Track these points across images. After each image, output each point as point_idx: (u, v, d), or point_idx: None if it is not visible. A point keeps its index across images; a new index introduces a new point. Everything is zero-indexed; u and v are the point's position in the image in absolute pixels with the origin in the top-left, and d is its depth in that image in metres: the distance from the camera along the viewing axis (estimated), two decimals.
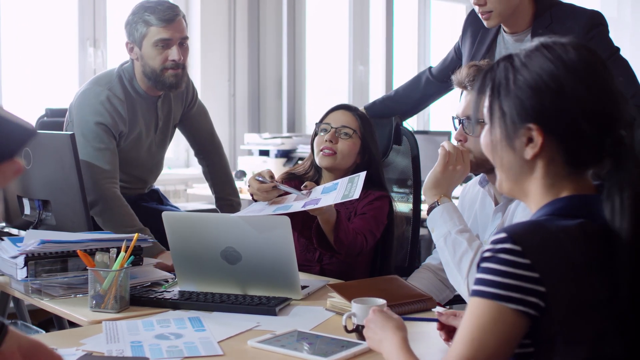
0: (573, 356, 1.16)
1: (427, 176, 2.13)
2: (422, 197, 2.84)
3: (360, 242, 2.37)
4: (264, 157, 4.92)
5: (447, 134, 4.39)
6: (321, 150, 2.52)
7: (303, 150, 4.85)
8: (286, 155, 4.91)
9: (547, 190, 1.26)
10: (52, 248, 2.03)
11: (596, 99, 1.21)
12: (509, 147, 1.27)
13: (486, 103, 1.32)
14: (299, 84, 5.74)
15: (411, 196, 2.88)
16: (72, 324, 1.93)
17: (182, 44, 2.71)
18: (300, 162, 4.72)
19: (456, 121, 2.19)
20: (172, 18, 2.66)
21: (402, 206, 2.89)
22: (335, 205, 2.53)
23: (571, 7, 2.68)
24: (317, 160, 2.55)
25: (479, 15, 2.66)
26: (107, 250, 1.96)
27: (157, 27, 2.65)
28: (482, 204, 2.27)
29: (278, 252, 2.00)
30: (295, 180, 2.64)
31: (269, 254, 2.00)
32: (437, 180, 2.09)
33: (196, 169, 5.25)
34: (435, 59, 6.78)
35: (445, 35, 7.11)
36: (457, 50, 2.97)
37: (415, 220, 2.83)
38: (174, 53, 2.67)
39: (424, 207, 2.85)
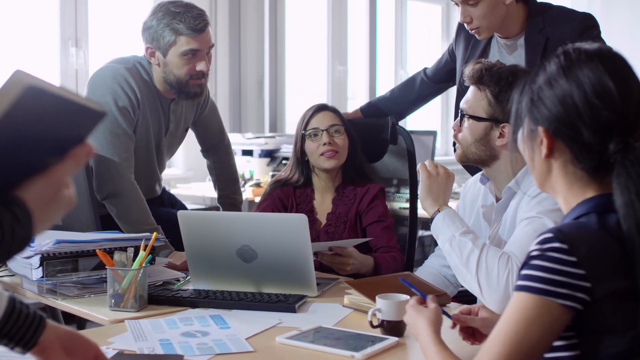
0: (617, 345, 1.21)
1: (419, 191, 2.17)
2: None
3: (400, 258, 2.51)
4: (248, 157, 4.92)
5: (433, 133, 4.45)
6: (322, 154, 2.59)
7: (287, 150, 4.86)
8: (270, 155, 4.92)
9: (570, 188, 1.32)
10: (67, 248, 2.02)
11: (596, 109, 1.25)
12: (531, 147, 1.35)
13: (514, 105, 1.39)
14: (280, 84, 5.76)
15: (399, 195, 2.93)
16: (67, 322, 1.93)
17: (208, 52, 2.63)
18: (285, 162, 4.77)
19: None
20: (203, 28, 2.57)
21: (397, 205, 2.93)
22: (334, 201, 2.60)
23: (563, 10, 2.74)
24: (321, 165, 2.62)
25: (469, 31, 2.72)
26: (124, 249, 1.97)
27: (186, 37, 2.55)
28: (484, 201, 2.31)
29: (294, 249, 2.02)
30: (281, 187, 2.66)
31: (285, 252, 2.02)
32: (427, 189, 2.12)
33: (178, 169, 5.26)
34: (412, 59, 6.88)
35: (422, 35, 7.18)
36: (451, 53, 3.02)
37: (413, 219, 2.87)
38: (202, 64, 2.59)
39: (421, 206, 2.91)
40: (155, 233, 2.04)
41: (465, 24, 2.71)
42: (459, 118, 2.18)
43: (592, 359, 1.23)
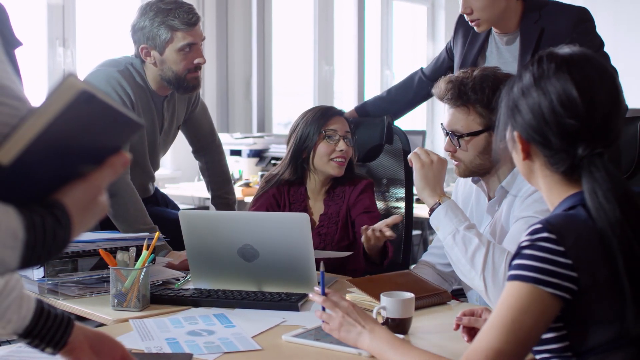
0: (604, 335, 1.26)
1: (414, 182, 2.17)
2: (415, 195, 2.91)
3: (390, 247, 2.49)
4: (236, 157, 4.92)
5: (422, 133, 4.49)
6: (333, 159, 2.59)
7: (275, 150, 4.88)
8: (258, 155, 4.92)
9: (550, 189, 1.39)
10: (69, 247, 2.02)
11: (560, 118, 1.32)
12: (512, 149, 1.44)
13: (500, 109, 1.47)
14: (267, 84, 5.76)
15: (393, 194, 2.94)
16: None
17: (201, 44, 2.70)
18: (274, 161, 4.77)
19: (443, 132, 2.24)
20: (196, 21, 2.63)
21: (392, 204, 2.95)
22: (325, 202, 2.61)
23: (559, 4, 2.78)
24: (328, 170, 2.60)
25: (469, 22, 2.75)
26: (126, 249, 1.97)
27: (182, 32, 2.60)
28: (477, 199, 2.33)
29: (296, 248, 2.03)
30: (277, 186, 2.65)
31: (287, 251, 2.03)
32: (423, 178, 2.11)
33: (166, 169, 5.24)
34: (398, 59, 6.91)
35: (407, 35, 7.21)
36: (449, 51, 3.04)
37: (408, 217, 2.89)
38: (199, 57, 2.65)
39: (420, 206, 2.93)
40: (157, 233, 2.04)
41: (465, 15, 2.74)
42: (449, 139, 2.18)
43: (581, 349, 1.27)
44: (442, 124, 2.22)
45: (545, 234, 1.26)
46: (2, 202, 0.80)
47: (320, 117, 2.62)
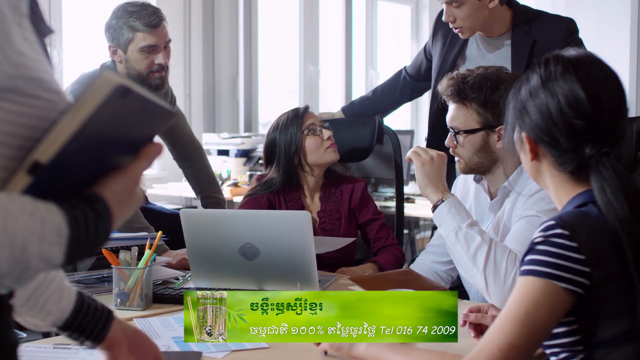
0: (614, 329, 1.29)
1: (417, 180, 2.19)
2: (405, 194, 2.93)
3: (401, 254, 2.56)
4: (224, 157, 4.92)
5: (411, 132, 4.51)
6: (328, 148, 2.61)
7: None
8: (246, 154, 4.93)
9: (558, 189, 1.42)
10: None
11: (568, 118, 1.36)
12: (520, 149, 1.47)
13: (507, 111, 1.50)
14: (254, 84, 5.77)
15: (386, 194, 2.96)
16: None
17: (166, 46, 2.79)
18: (261, 161, 4.76)
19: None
20: (158, 23, 2.73)
21: (383, 204, 2.97)
22: (322, 199, 2.62)
23: (549, 15, 2.83)
24: (326, 159, 2.62)
25: (453, 29, 2.78)
26: (128, 248, 1.97)
27: (143, 33, 2.72)
28: (477, 198, 2.35)
29: (297, 246, 2.03)
30: (267, 190, 2.65)
31: (288, 249, 2.04)
32: (425, 175, 2.13)
33: (153, 169, 5.23)
34: (382, 59, 6.94)
35: (392, 35, 7.24)
36: (427, 52, 3.06)
37: (400, 218, 2.90)
38: (160, 58, 2.76)
39: (407, 205, 2.95)
40: (160, 232, 2.05)
41: (449, 23, 2.76)
42: (450, 135, 2.20)
43: (591, 343, 1.30)
44: (446, 120, 2.25)
45: (558, 230, 1.29)
46: (43, 199, 0.81)
47: (294, 118, 2.63)
